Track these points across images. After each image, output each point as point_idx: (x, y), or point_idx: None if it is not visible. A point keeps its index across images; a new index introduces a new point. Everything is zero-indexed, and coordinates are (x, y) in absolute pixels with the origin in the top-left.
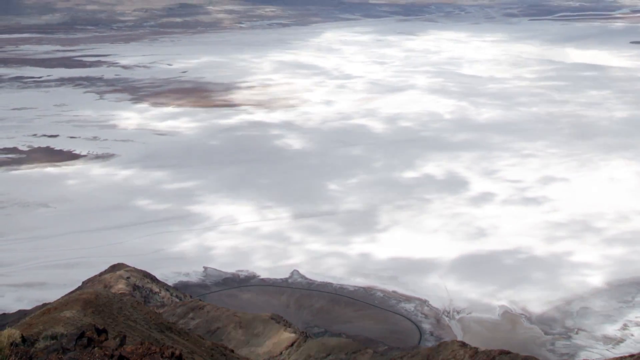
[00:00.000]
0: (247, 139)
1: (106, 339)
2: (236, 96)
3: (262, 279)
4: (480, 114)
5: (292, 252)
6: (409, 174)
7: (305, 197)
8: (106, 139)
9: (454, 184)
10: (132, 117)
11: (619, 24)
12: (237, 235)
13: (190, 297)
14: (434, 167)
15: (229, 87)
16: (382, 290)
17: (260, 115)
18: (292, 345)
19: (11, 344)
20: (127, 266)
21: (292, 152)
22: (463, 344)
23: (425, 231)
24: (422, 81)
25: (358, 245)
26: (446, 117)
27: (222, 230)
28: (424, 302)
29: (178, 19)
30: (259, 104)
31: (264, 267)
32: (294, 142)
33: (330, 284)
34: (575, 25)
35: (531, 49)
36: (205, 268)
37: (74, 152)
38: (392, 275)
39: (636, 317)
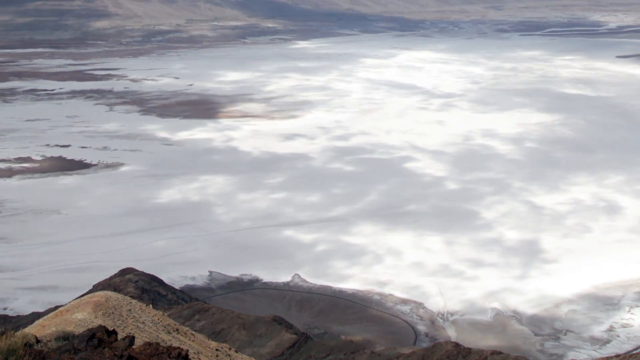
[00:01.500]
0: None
1: (116, 340)
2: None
3: (265, 283)
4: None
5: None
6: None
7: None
8: (115, 149)
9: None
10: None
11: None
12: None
13: (196, 299)
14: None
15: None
16: (379, 294)
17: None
18: (293, 345)
19: (25, 345)
20: (136, 270)
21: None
22: (456, 345)
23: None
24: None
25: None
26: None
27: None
28: (419, 305)
29: (184, 34)
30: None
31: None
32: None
33: (330, 287)
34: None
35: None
36: (211, 272)
37: (85, 161)
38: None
39: (621, 319)
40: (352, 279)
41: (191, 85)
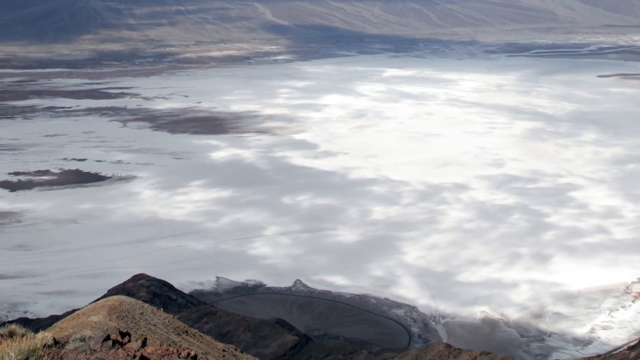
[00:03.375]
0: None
1: (129, 341)
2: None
3: (269, 287)
4: None
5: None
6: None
7: None
8: (129, 163)
9: None
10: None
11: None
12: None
13: (204, 303)
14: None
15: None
16: (375, 298)
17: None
18: (295, 346)
19: (44, 346)
20: (148, 276)
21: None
22: (448, 346)
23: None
24: None
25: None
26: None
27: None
28: (412, 308)
29: (193, 56)
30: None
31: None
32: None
33: (329, 291)
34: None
35: None
36: (218, 278)
37: (100, 174)
38: None
39: (602, 322)
40: None
41: (199, 103)
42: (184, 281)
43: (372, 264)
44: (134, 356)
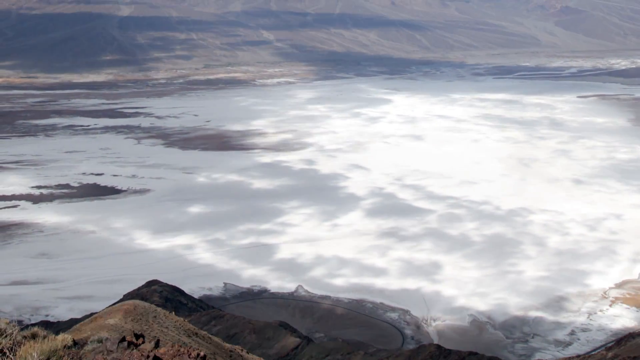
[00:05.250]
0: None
1: (143, 342)
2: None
3: (272, 293)
4: None
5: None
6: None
7: None
8: (143, 177)
9: None
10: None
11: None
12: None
13: (213, 307)
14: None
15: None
16: (371, 302)
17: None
18: (297, 347)
19: (64, 347)
20: (161, 282)
21: None
22: (438, 347)
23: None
24: None
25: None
26: None
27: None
28: (405, 312)
29: (202, 78)
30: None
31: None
32: None
33: (329, 296)
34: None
35: None
36: (225, 284)
37: (116, 187)
38: None
39: (582, 325)
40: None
41: (208, 121)
42: (194, 287)
43: None
44: (148, 356)
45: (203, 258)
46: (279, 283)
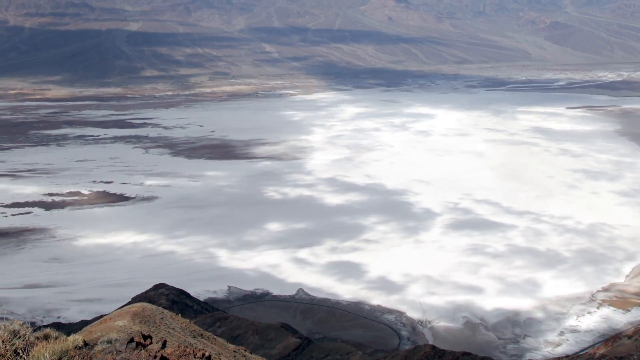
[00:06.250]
0: None
1: (151, 343)
2: None
3: (274, 296)
4: None
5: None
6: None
7: None
8: (151, 185)
9: None
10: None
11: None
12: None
13: (217, 310)
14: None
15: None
16: (369, 305)
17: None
18: (298, 348)
19: (75, 347)
20: (167, 285)
21: None
22: (433, 347)
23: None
24: None
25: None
26: None
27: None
28: (402, 314)
29: (207, 90)
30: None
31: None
32: None
33: (328, 299)
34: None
35: None
36: (229, 287)
37: (125, 194)
38: None
39: (570, 326)
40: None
41: (213, 132)
42: (200, 290)
43: None
44: (155, 356)
45: (208, 262)
46: (280, 286)
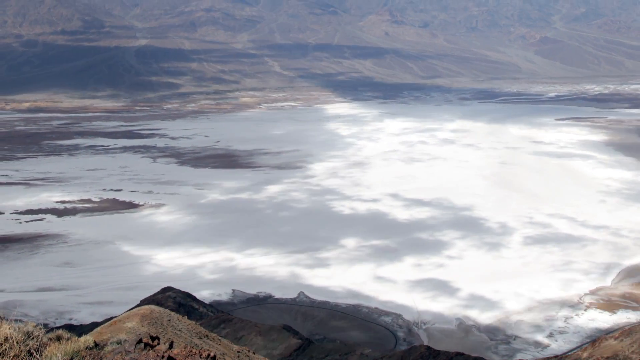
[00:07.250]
0: None
1: (158, 344)
2: None
3: (277, 299)
4: None
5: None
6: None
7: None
8: (158, 192)
9: None
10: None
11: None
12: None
13: (222, 312)
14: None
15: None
16: (367, 307)
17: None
18: (299, 348)
19: (86, 348)
20: (174, 289)
21: None
22: (428, 348)
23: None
24: None
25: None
26: None
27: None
28: (398, 316)
29: (212, 102)
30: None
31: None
32: None
33: (328, 302)
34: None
35: None
36: (234, 290)
37: (134, 202)
38: None
39: (559, 327)
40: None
41: (218, 142)
42: (205, 293)
43: None
44: (163, 357)
45: (213, 267)
46: (282, 290)
